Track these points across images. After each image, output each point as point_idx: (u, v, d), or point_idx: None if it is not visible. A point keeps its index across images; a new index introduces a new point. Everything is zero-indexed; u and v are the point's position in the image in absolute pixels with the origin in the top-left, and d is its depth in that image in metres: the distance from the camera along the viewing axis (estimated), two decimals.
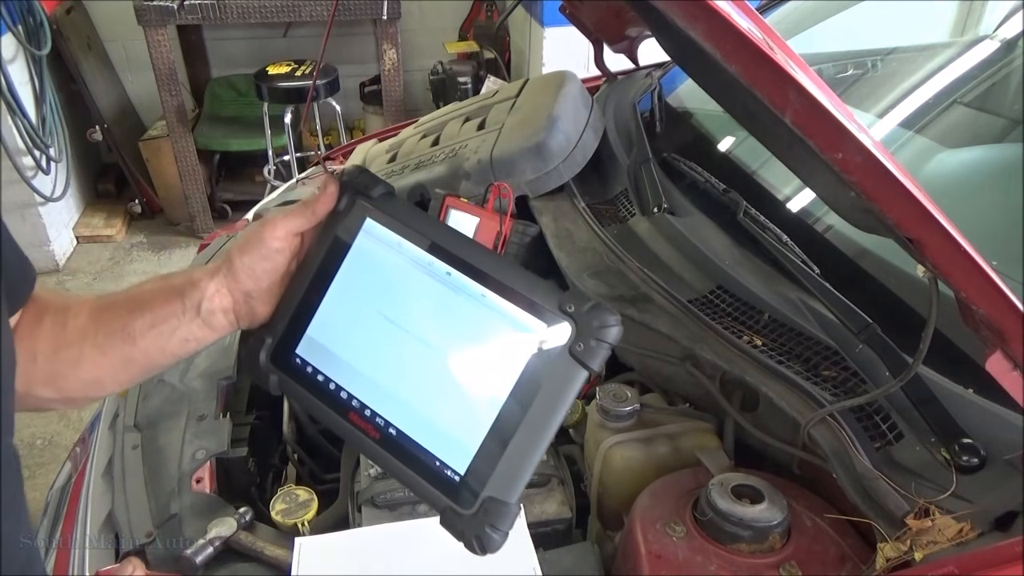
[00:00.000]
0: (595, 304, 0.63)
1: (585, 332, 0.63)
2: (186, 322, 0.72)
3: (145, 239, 3.98)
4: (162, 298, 0.73)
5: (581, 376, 0.63)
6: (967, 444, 0.76)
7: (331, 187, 0.75)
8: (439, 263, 0.69)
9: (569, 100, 1.40)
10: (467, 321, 0.67)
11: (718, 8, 0.63)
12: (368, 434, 0.69)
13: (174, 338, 0.73)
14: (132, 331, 0.71)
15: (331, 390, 0.71)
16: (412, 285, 0.70)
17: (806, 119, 0.65)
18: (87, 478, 1.14)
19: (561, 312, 0.64)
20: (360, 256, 0.74)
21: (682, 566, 0.77)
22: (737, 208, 1.09)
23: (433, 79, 3.73)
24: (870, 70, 1.63)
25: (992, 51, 1.49)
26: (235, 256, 0.73)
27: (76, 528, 1.07)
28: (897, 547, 0.71)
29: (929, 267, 0.69)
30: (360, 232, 0.74)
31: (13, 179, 3.31)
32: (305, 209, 0.75)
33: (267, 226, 0.74)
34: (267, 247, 0.73)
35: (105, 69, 3.96)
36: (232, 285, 0.73)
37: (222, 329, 0.75)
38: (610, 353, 0.64)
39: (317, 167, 2.07)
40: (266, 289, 0.75)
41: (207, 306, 0.73)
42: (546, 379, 0.63)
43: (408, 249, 0.71)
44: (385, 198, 0.74)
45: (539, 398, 0.63)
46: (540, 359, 0.64)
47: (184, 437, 1.09)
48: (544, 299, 0.65)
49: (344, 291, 0.74)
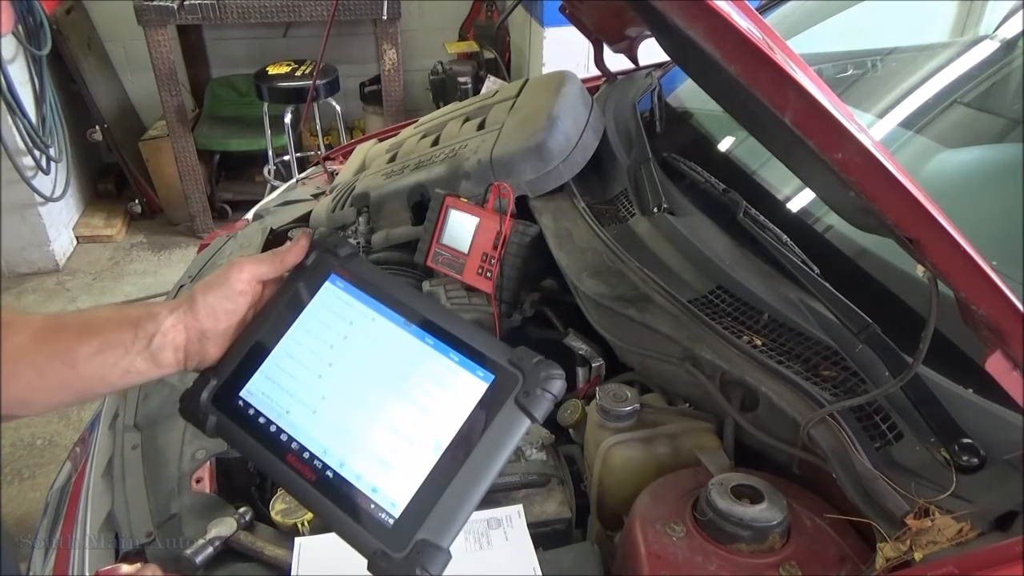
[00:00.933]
0: (542, 359, 0.67)
1: (532, 382, 0.66)
2: (133, 353, 0.72)
3: (145, 239, 3.98)
4: (114, 325, 0.72)
5: (524, 424, 0.65)
6: (967, 444, 0.76)
7: (303, 241, 0.78)
8: (397, 316, 0.73)
9: (569, 100, 1.40)
10: (418, 369, 0.70)
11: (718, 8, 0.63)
12: (304, 476, 0.69)
13: (116, 368, 0.72)
14: (75, 356, 0.70)
15: (271, 432, 0.72)
16: (369, 336, 0.73)
17: (806, 119, 0.65)
18: (87, 478, 1.14)
19: (510, 364, 0.67)
20: (319, 308, 0.77)
21: (682, 566, 0.77)
22: (737, 208, 1.09)
23: (433, 79, 3.73)
24: (870, 70, 1.63)
25: (992, 51, 1.49)
26: (198, 294, 0.75)
27: (76, 528, 1.07)
28: (897, 547, 0.71)
29: (929, 267, 0.69)
30: (323, 286, 0.77)
31: (13, 179, 3.31)
32: (274, 258, 0.77)
33: (234, 268, 0.75)
34: (231, 288, 0.75)
35: (105, 69, 3.96)
36: (190, 322, 0.74)
37: (167, 367, 0.74)
38: (553, 405, 0.66)
39: (317, 167, 2.07)
40: (222, 331, 0.76)
41: (159, 340, 0.73)
42: (491, 425, 0.65)
43: (369, 303, 0.75)
44: (351, 257, 0.78)
45: (481, 443, 0.65)
46: (486, 407, 0.66)
47: (184, 437, 1.09)
48: (495, 353, 0.68)
49: (299, 339, 0.76)
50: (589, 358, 1.14)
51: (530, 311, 1.27)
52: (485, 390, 0.67)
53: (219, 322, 0.75)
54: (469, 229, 1.24)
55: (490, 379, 0.67)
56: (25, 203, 3.45)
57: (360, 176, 1.62)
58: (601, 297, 1.10)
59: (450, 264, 1.25)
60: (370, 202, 1.49)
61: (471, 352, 0.69)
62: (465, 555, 0.69)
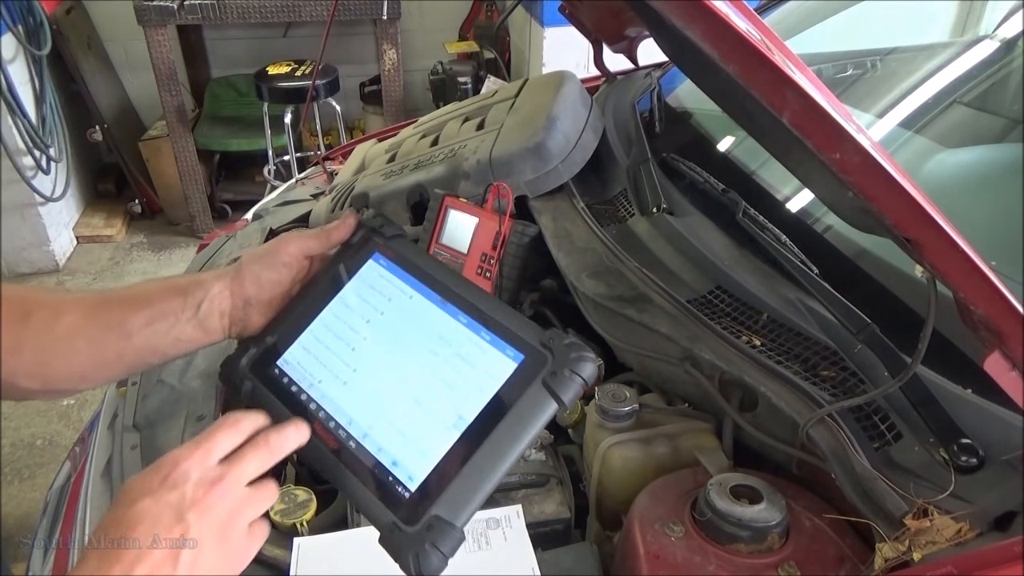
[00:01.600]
0: (574, 341, 0.66)
1: (561, 363, 0.64)
2: (183, 321, 0.75)
3: (145, 239, 3.99)
4: (163, 295, 0.75)
5: (551, 407, 0.64)
6: (966, 444, 0.76)
7: (350, 219, 0.81)
8: (434, 294, 0.74)
9: (568, 100, 1.40)
10: (448, 345, 0.70)
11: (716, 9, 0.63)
12: (327, 444, 0.70)
13: (168, 337, 0.75)
14: (129, 327, 0.73)
15: (301, 400, 0.73)
16: (404, 312, 0.74)
17: (804, 119, 0.65)
18: (86, 478, 1.14)
19: (540, 345, 0.66)
20: (360, 284, 0.78)
21: (681, 566, 0.77)
22: (736, 208, 1.09)
23: (433, 79, 3.73)
24: (870, 70, 1.63)
25: (992, 51, 1.48)
26: (245, 263, 0.78)
27: (75, 528, 1.07)
28: (896, 547, 0.71)
29: (927, 267, 0.69)
30: (366, 263, 0.79)
31: (13, 179, 3.31)
32: (321, 234, 0.80)
33: (282, 241, 0.79)
34: (277, 259, 0.78)
35: (105, 69, 3.96)
36: (236, 288, 0.77)
37: (214, 333, 0.77)
38: (583, 390, 0.65)
39: (317, 167, 2.07)
40: (266, 301, 0.78)
41: (207, 307, 0.75)
42: (516, 405, 0.64)
43: (408, 281, 0.76)
44: (395, 238, 0.80)
45: (505, 422, 0.64)
46: (513, 386, 0.65)
47: (183, 437, 1.08)
48: (526, 333, 0.68)
49: (338, 313, 0.77)
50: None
51: (529, 311, 1.27)
52: (513, 370, 0.66)
53: (263, 291, 0.78)
54: (468, 229, 1.24)
55: (519, 359, 0.66)
56: (25, 203, 3.46)
57: (359, 176, 1.62)
58: (600, 297, 1.10)
59: (449, 264, 1.25)
60: (369, 202, 1.49)
61: (503, 331, 0.68)
62: (464, 555, 0.69)
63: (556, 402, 0.64)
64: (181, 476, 0.59)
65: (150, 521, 0.57)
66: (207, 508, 0.59)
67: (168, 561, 0.57)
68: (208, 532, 0.59)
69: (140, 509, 0.58)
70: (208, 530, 0.59)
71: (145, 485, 0.59)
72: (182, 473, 0.60)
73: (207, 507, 0.59)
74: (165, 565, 0.57)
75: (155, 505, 0.58)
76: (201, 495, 0.59)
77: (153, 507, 0.58)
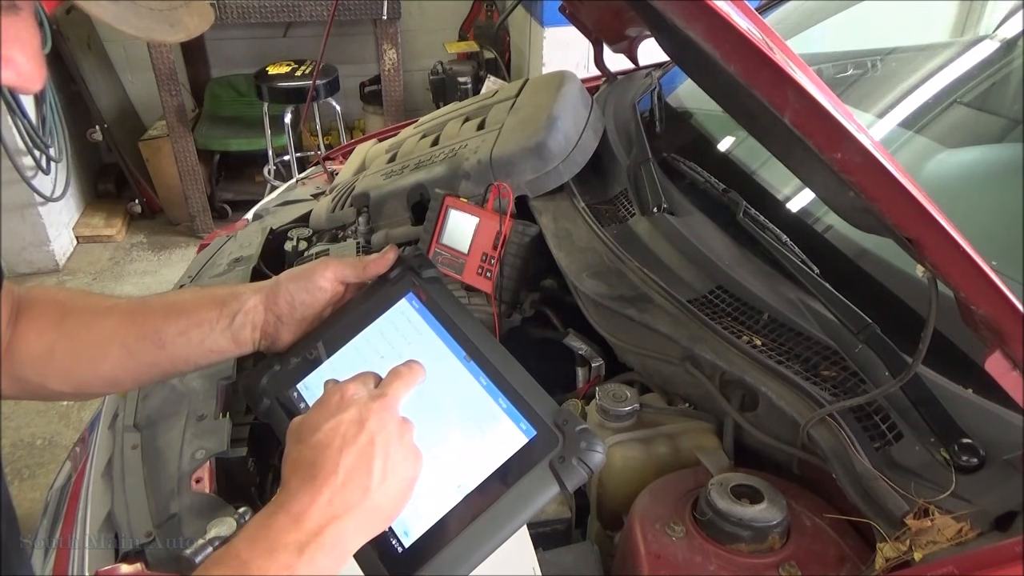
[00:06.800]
0: (586, 428, 0.65)
1: (571, 450, 0.64)
2: (217, 331, 0.76)
3: (145, 239, 3.98)
4: (200, 305, 0.77)
5: (552, 490, 0.64)
6: (966, 444, 0.76)
7: (390, 254, 0.82)
8: (460, 348, 0.74)
9: (569, 100, 1.40)
10: (464, 405, 0.71)
11: (717, 8, 0.63)
12: None
13: (201, 347, 0.77)
14: (164, 336, 0.75)
15: None
16: (427, 360, 0.73)
17: (805, 119, 0.65)
18: (87, 478, 1.14)
19: (554, 425, 0.66)
20: (389, 321, 0.79)
21: (681, 566, 0.77)
22: (737, 208, 1.09)
23: (433, 79, 3.73)
24: (870, 70, 1.63)
25: (992, 51, 1.48)
26: (282, 281, 0.80)
27: (76, 528, 1.07)
28: (896, 547, 0.71)
29: (928, 267, 0.69)
30: (399, 302, 0.80)
31: (13, 179, 3.31)
32: (359, 263, 0.81)
33: (320, 264, 0.80)
34: (313, 282, 0.79)
35: (105, 69, 3.96)
36: (270, 303, 0.79)
37: (245, 345, 0.79)
38: (587, 479, 0.65)
39: (317, 167, 2.07)
40: (297, 320, 0.80)
41: (240, 319, 0.77)
42: (520, 482, 0.64)
43: (437, 329, 0.77)
44: (432, 281, 0.81)
45: (507, 497, 0.64)
46: (521, 460, 0.66)
47: (184, 437, 1.08)
48: (543, 409, 0.68)
49: (363, 346, 0.78)
50: (589, 358, 1.14)
51: (530, 311, 1.27)
52: (524, 444, 0.67)
53: (295, 310, 0.79)
54: (469, 229, 1.24)
55: (531, 435, 0.67)
56: (25, 203, 3.45)
57: (360, 176, 1.62)
58: (601, 297, 1.10)
59: (450, 264, 1.25)
60: (370, 202, 1.49)
61: (519, 402, 0.69)
62: None
63: (559, 487, 0.64)
64: (351, 397, 0.63)
65: (339, 440, 0.60)
66: (383, 420, 0.62)
67: (362, 469, 0.60)
68: (390, 437, 0.62)
69: (327, 431, 0.61)
70: (389, 436, 0.62)
71: (320, 416, 0.62)
72: (352, 395, 0.64)
73: (383, 419, 0.62)
74: (360, 472, 0.59)
75: (339, 425, 0.61)
76: (376, 407, 0.63)
77: (338, 427, 0.61)
